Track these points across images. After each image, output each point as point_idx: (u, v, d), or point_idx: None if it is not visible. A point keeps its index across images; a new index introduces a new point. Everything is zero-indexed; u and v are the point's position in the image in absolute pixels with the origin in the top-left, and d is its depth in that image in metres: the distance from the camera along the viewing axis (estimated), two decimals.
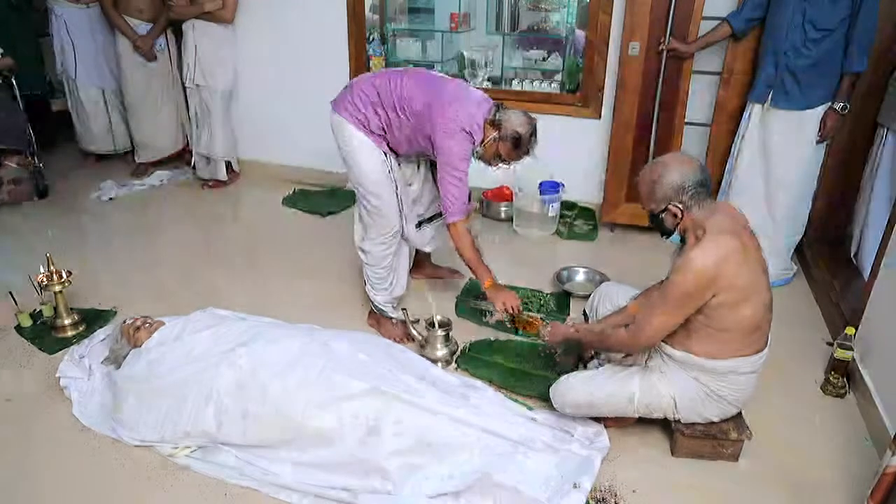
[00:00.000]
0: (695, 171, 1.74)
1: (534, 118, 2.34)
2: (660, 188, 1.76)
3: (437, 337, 2.39)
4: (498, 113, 2.29)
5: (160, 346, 2.11)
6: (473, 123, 2.26)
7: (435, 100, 2.25)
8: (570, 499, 1.73)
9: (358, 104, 2.32)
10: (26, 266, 2.77)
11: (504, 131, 2.28)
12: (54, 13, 4.15)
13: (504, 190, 3.85)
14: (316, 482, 1.81)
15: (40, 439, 2.03)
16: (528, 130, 2.30)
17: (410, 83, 2.30)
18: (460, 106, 2.26)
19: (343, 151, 2.40)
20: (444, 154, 2.26)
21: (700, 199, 1.74)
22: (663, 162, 1.79)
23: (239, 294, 2.93)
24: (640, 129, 3.39)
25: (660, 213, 1.79)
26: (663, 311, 1.75)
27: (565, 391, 1.96)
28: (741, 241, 1.71)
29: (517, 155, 2.35)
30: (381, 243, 2.47)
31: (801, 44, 2.68)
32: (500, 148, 2.32)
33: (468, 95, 2.33)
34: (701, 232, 1.73)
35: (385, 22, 4.14)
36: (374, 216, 2.43)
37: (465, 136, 2.25)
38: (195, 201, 4.14)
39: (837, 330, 2.46)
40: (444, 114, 2.23)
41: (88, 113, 4.39)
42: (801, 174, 2.87)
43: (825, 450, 2.02)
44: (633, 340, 1.85)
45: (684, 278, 1.69)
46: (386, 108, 2.31)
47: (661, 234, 1.87)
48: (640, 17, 3.18)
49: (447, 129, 2.23)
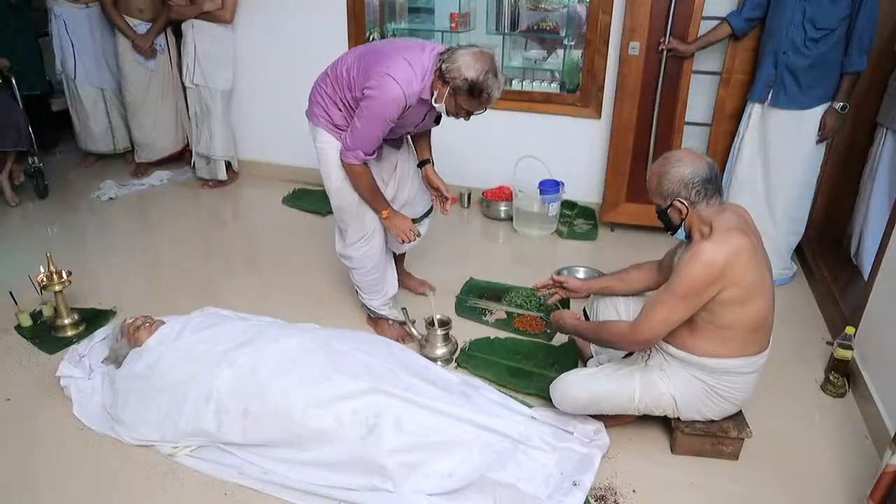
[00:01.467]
0: (702, 168, 1.72)
1: (488, 51, 2.04)
2: (666, 182, 1.74)
3: (437, 336, 2.39)
4: (444, 63, 2.01)
5: (160, 345, 2.11)
6: (411, 75, 2.03)
7: (373, 60, 2.08)
8: (570, 496, 1.73)
9: (320, 102, 2.24)
10: (26, 266, 2.77)
11: (454, 82, 2.00)
12: (53, 13, 4.14)
13: (504, 189, 3.85)
14: (316, 481, 1.81)
15: (40, 439, 2.03)
16: (480, 71, 1.98)
17: (351, 56, 2.17)
18: (396, 57, 2.04)
19: (318, 160, 2.33)
20: (369, 100, 2.05)
21: (707, 196, 1.73)
22: (672, 157, 1.77)
23: (239, 293, 2.93)
24: (640, 129, 3.39)
25: (666, 208, 1.78)
26: (667, 304, 1.72)
27: (565, 389, 1.95)
28: (750, 239, 1.71)
29: (480, 103, 2.06)
30: (361, 246, 2.43)
31: (801, 43, 2.68)
32: (458, 101, 2.06)
33: (408, 47, 2.10)
34: (707, 229, 1.73)
35: (385, 22, 4.14)
36: (347, 218, 2.38)
37: (397, 89, 2.01)
38: (195, 201, 4.14)
39: (837, 329, 2.46)
40: (377, 66, 2.03)
41: (88, 113, 4.39)
42: (801, 174, 2.87)
43: (825, 449, 2.02)
44: (632, 334, 1.80)
45: (692, 270, 1.67)
46: (340, 91, 2.18)
47: (667, 229, 1.85)
48: (640, 17, 3.18)
49: (378, 77, 2.02)
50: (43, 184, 4.02)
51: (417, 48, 2.12)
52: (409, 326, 2.46)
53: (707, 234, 1.72)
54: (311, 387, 1.90)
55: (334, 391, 1.89)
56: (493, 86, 2.03)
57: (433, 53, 2.10)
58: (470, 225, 3.80)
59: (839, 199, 3.17)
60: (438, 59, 2.05)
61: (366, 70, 2.10)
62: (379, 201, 2.33)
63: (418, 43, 2.17)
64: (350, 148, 2.16)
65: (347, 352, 2.08)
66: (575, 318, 2.12)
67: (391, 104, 2.05)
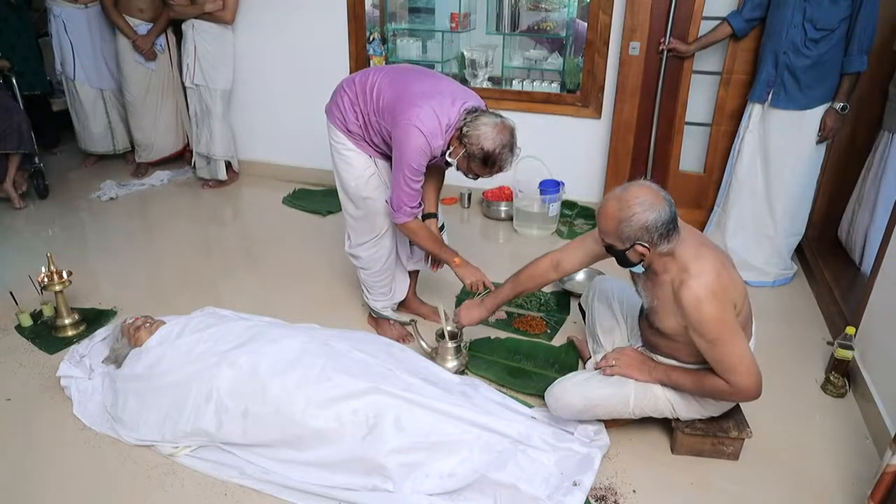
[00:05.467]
0: (664, 211, 1.61)
1: (510, 125, 2.08)
2: (627, 229, 1.63)
3: (448, 349, 2.30)
4: (466, 126, 2.04)
5: (160, 345, 2.11)
6: (436, 129, 2.06)
7: (402, 97, 2.09)
8: (570, 497, 1.73)
9: (340, 104, 2.25)
10: (27, 266, 2.77)
11: (471, 148, 2.04)
12: (53, 13, 4.14)
13: (504, 189, 3.85)
14: (316, 481, 1.81)
15: (40, 439, 2.03)
16: (498, 145, 2.03)
17: (385, 79, 2.16)
18: (425, 105, 2.05)
19: (331, 155, 2.35)
20: (398, 152, 2.09)
21: (669, 236, 1.64)
22: (630, 199, 1.62)
23: (239, 294, 2.93)
24: (641, 129, 3.40)
25: (624, 250, 1.69)
26: (730, 345, 1.64)
27: (560, 394, 1.93)
28: (713, 249, 1.72)
29: (489, 172, 2.11)
30: (370, 247, 2.42)
31: (801, 43, 2.68)
32: (471, 165, 2.10)
33: (440, 93, 2.10)
34: (669, 259, 1.68)
35: (385, 22, 4.14)
36: (358, 220, 2.39)
37: (423, 140, 2.05)
38: (195, 201, 4.14)
39: (838, 329, 2.46)
40: (406, 112, 2.05)
41: (88, 113, 4.39)
42: (801, 174, 2.87)
43: (825, 449, 2.02)
44: (738, 392, 1.69)
45: (709, 312, 1.60)
46: (363, 105, 2.19)
47: (620, 264, 1.78)
48: (641, 17, 3.19)
49: (405, 128, 2.05)
50: (43, 184, 4.02)
51: (448, 98, 2.11)
52: (416, 337, 2.38)
53: (670, 265, 1.68)
54: (311, 387, 1.90)
55: (334, 391, 1.89)
56: (506, 160, 2.09)
57: (461, 109, 2.10)
58: (470, 225, 3.80)
59: (839, 199, 3.16)
60: (463, 118, 2.08)
61: (393, 108, 2.10)
62: (446, 252, 2.34)
63: (450, 90, 2.15)
64: (396, 208, 2.18)
65: (348, 352, 2.08)
66: (646, 358, 1.93)
67: (419, 154, 2.07)
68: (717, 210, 3.19)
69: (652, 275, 1.76)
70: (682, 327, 1.71)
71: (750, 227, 3.02)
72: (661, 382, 1.86)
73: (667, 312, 1.74)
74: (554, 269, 2.08)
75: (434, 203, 2.47)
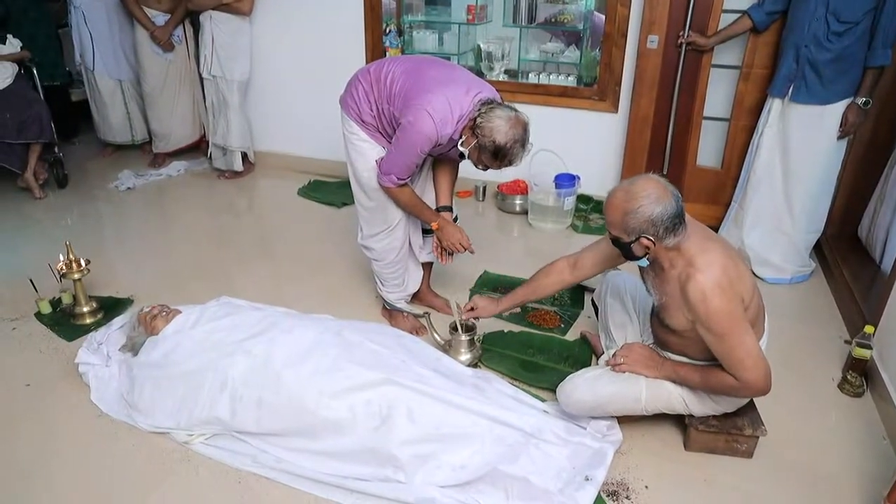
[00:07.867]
0: (671, 205, 1.61)
1: (524, 119, 2.05)
2: (633, 221, 1.63)
3: (462, 342, 2.29)
4: (480, 117, 2.03)
5: (176, 334, 2.13)
6: (448, 117, 2.05)
7: (416, 82, 2.10)
8: (581, 491, 1.73)
9: (354, 94, 2.25)
10: (46, 254, 2.81)
11: (482, 140, 2.03)
12: (73, 4, 4.18)
13: (519, 183, 3.83)
14: (328, 471, 1.82)
15: (58, 424, 2.06)
16: (510, 139, 2.01)
17: (399, 67, 2.16)
18: (439, 93, 2.05)
19: (345, 146, 2.36)
20: (405, 133, 2.08)
21: (675, 230, 1.63)
22: (637, 191, 1.63)
23: (254, 284, 2.95)
24: (658, 124, 3.36)
25: (629, 242, 1.69)
26: (736, 339, 1.62)
27: (571, 391, 1.92)
28: (720, 244, 1.70)
29: (498, 165, 2.10)
30: (383, 238, 2.43)
31: (824, 37, 2.63)
32: (481, 156, 2.09)
33: (454, 82, 2.11)
34: (675, 254, 1.68)
35: (402, 13, 4.13)
36: (371, 211, 2.39)
37: (432, 127, 2.04)
38: (211, 192, 4.17)
39: (856, 328, 2.43)
40: (419, 97, 2.05)
41: (106, 103, 4.44)
42: (821, 170, 2.83)
43: (841, 449, 2.00)
44: (745, 388, 1.69)
45: (717, 305, 1.60)
46: (377, 94, 2.19)
47: (626, 257, 1.78)
48: (660, 10, 3.15)
49: (417, 111, 2.04)
50: (62, 173, 4.07)
51: (462, 87, 2.11)
52: (430, 330, 2.38)
53: (676, 260, 1.68)
54: (324, 377, 1.91)
55: (348, 382, 1.90)
56: (517, 155, 2.07)
57: (475, 99, 2.09)
58: (485, 218, 3.79)
59: (860, 196, 3.11)
60: (477, 108, 2.06)
61: (407, 94, 2.10)
62: (425, 213, 2.34)
63: (464, 79, 2.16)
64: (385, 172, 2.20)
65: (361, 343, 2.09)
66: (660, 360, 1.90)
67: (424, 139, 2.08)
68: (735, 206, 3.16)
69: (659, 270, 1.76)
70: (690, 323, 1.71)
71: (768, 223, 2.98)
72: (670, 378, 1.85)
73: (675, 308, 1.73)
74: (570, 272, 2.07)
75: (448, 195, 2.46)
